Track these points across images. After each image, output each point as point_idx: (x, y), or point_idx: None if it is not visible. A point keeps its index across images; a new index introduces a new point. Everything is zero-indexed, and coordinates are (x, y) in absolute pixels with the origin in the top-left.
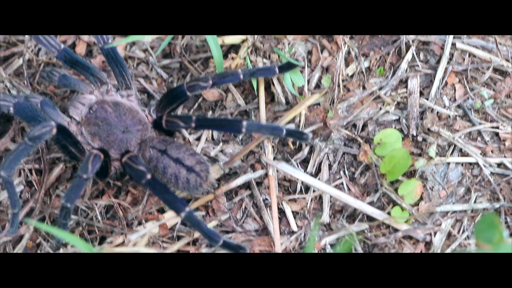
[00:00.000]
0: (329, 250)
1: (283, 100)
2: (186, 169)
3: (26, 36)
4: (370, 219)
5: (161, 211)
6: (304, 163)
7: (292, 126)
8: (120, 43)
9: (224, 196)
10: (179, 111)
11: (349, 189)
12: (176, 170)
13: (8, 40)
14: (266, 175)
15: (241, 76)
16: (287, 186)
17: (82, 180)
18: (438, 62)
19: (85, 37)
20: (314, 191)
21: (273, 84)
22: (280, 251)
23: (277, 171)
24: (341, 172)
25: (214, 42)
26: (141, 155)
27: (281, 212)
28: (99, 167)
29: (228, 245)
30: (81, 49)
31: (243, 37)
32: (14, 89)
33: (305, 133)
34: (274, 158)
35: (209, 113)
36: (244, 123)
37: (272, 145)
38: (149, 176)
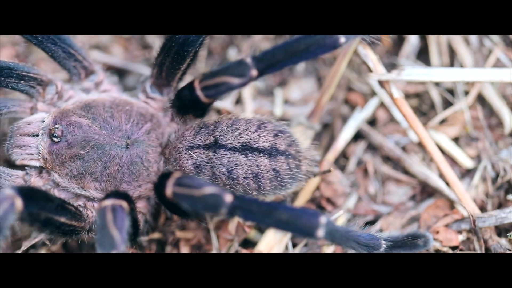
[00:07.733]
0: None
1: None
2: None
3: None
4: None
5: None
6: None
7: None
8: None
9: (337, 169)
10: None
11: None
12: (251, 164)
13: None
14: (382, 103)
15: None
16: (420, 102)
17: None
18: None
19: None
20: (468, 83)
21: None
22: (479, 212)
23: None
24: None
25: None
26: (177, 170)
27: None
28: (129, 224)
29: (402, 245)
30: None
31: None
32: None
33: None
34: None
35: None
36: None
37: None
38: (229, 199)
